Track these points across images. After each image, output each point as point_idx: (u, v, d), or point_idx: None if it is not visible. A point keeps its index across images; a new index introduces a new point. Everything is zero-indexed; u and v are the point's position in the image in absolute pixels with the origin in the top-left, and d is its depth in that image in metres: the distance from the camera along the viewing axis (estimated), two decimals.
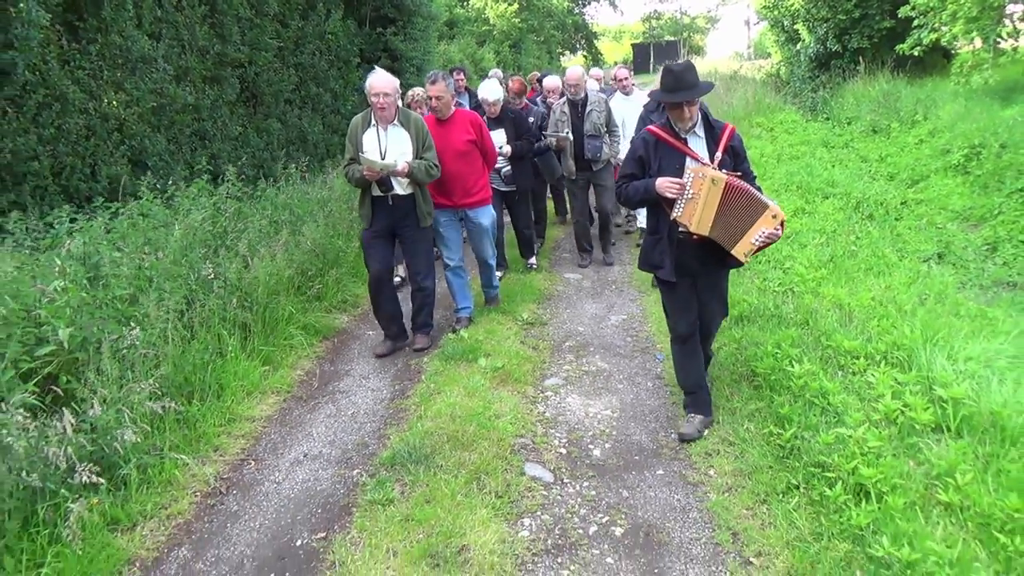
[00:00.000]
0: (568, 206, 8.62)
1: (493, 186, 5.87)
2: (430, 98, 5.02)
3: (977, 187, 8.02)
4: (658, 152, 3.55)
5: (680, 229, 3.47)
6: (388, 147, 4.61)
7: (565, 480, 3.43)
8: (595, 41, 39.89)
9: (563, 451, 3.68)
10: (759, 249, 3.43)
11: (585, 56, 38.57)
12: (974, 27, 10.60)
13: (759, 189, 3.45)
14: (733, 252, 3.40)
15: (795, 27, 16.17)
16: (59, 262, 3.63)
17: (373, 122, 4.65)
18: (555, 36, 32.62)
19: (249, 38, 9.66)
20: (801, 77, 15.89)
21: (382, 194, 4.66)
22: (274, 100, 10.29)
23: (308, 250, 5.74)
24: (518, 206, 6.57)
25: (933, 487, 2.97)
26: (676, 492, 3.30)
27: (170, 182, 6.27)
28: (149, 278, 4.18)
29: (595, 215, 7.62)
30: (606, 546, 2.96)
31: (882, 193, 8.49)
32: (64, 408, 3.11)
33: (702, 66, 25.85)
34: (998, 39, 10.83)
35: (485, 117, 5.81)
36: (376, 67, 4.67)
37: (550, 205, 9.01)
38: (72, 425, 3.03)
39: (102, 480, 2.94)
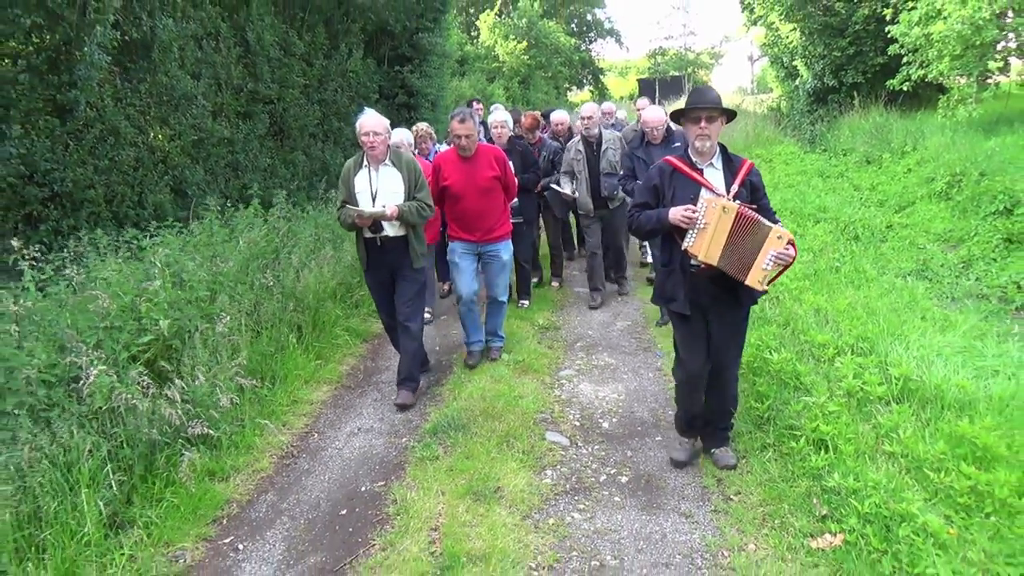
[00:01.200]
0: (576, 242, 9.13)
1: None
2: (459, 136, 5.05)
3: (957, 211, 8.86)
4: (673, 182, 3.61)
5: (692, 261, 3.53)
6: (380, 188, 4.62)
7: (579, 444, 4.22)
8: (601, 76, 41.38)
9: (577, 423, 4.48)
10: (776, 276, 3.45)
11: (592, 91, 39.99)
12: (959, 64, 11.55)
13: (777, 222, 3.48)
14: (747, 283, 3.38)
15: (794, 63, 17.24)
16: (159, 265, 4.48)
17: (365, 163, 4.67)
18: (562, 72, 34.04)
19: (278, 76, 10.65)
20: (800, 111, 16.90)
21: (372, 235, 4.69)
22: (300, 134, 11.27)
23: (348, 264, 6.61)
24: (521, 238, 6.51)
25: (881, 441, 3.75)
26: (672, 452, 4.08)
27: (228, 204, 7.14)
28: (221, 283, 5.03)
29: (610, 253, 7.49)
30: (614, 489, 3.74)
31: (870, 218, 9.34)
32: (173, 380, 3.93)
33: None
34: (989, 73, 11.78)
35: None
36: (365, 108, 4.77)
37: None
38: (181, 392, 3.84)
39: (211, 431, 3.75)
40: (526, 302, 6.89)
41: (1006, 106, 12.16)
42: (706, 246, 3.38)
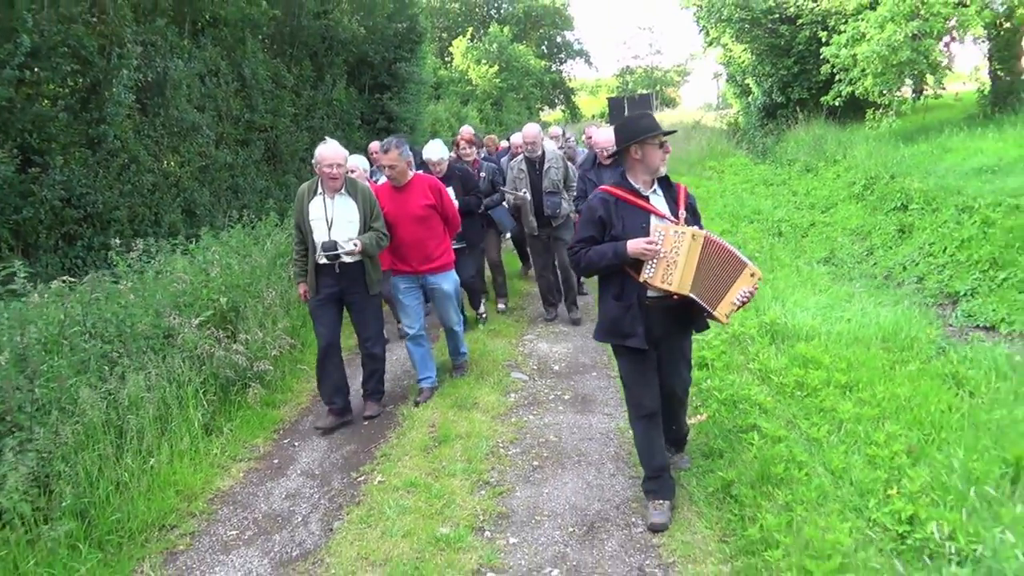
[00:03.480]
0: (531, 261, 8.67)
1: None
2: (383, 167, 5.21)
3: (869, 209, 10.80)
4: (620, 212, 3.55)
5: (649, 292, 3.52)
6: (335, 216, 4.78)
7: (536, 379, 5.99)
8: (572, 96, 43.77)
9: (535, 367, 6.25)
10: (739, 308, 3.53)
11: (563, 111, 42.31)
12: (880, 80, 13.60)
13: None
14: (716, 313, 3.45)
15: (746, 81, 19.36)
16: (218, 257, 6.20)
17: (320, 191, 4.84)
18: (534, 93, 36.38)
19: (271, 107, 12.35)
20: (753, 125, 19.00)
21: (329, 262, 4.87)
22: (291, 158, 12.97)
23: None
24: (464, 258, 6.52)
25: (747, 362, 5.53)
26: (602, 381, 5.86)
27: (232, 221, 8.82)
28: (257, 274, 6.74)
29: (558, 271, 7.74)
30: (559, 403, 5.50)
31: (798, 218, 11.26)
32: (236, 336, 5.63)
33: (672, 117, 29.18)
34: (935, 87, 13.75)
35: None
36: (326, 138, 5.00)
37: (511, 258, 9.77)
38: (244, 345, 5.55)
39: (270, 367, 5.46)
40: (483, 310, 7.38)
41: (924, 118, 14.21)
42: (678, 275, 3.40)
